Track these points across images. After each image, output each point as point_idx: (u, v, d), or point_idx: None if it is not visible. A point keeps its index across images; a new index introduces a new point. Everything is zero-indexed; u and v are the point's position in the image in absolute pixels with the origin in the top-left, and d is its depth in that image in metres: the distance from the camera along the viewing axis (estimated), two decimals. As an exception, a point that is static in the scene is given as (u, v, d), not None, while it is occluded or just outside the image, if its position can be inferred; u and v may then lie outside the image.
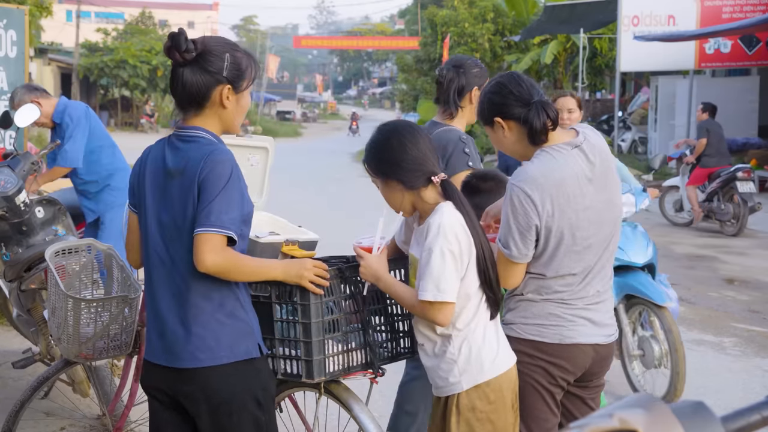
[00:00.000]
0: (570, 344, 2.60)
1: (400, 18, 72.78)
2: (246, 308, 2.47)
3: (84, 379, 4.05)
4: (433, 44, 26.59)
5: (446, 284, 2.39)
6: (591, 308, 2.63)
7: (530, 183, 2.49)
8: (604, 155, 2.61)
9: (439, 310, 2.42)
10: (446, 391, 2.53)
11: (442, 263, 2.39)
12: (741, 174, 10.63)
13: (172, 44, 2.39)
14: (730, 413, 0.93)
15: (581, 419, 0.89)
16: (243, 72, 2.46)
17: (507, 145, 2.67)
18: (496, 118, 2.63)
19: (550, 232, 2.51)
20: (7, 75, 6.38)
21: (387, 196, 2.58)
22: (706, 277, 8.45)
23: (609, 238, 2.63)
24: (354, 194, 15.46)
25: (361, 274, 2.60)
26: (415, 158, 2.51)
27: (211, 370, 2.39)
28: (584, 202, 2.53)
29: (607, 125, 21.57)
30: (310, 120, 52.72)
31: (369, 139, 2.63)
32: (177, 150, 2.43)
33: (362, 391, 2.93)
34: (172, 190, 2.41)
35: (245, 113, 2.57)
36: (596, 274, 2.62)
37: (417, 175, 2.51)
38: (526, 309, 2.63)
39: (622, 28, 16.06)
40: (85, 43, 35.31)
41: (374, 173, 2.58)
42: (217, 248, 2.31)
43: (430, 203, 2.52)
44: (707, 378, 5.25)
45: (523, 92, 2.59)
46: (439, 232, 2.41)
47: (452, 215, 2.45)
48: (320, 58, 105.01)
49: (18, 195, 3.91)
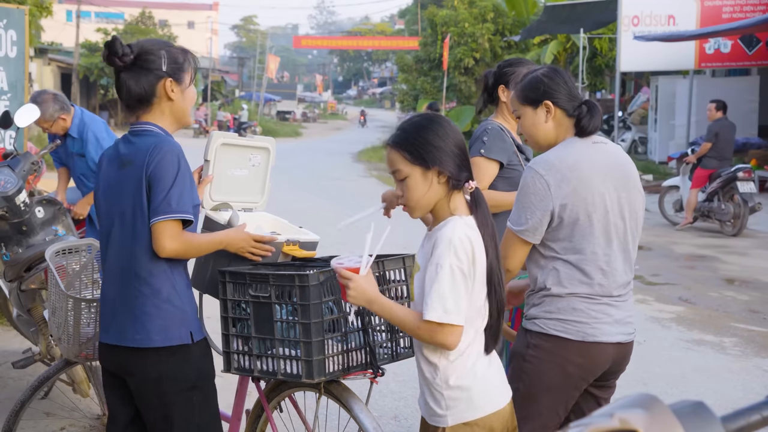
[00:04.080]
0: (592, 342, 2.58)
1: (400, 18, 72.80)
2: (181, 296, 2.58)
3: (84, 379, 4.05)
4: (433, 44, 26.57)
5: (454, 305, 2.14)
6: (614, 304, 2.62)
7: (544, 164, 2.59)
8: (624, 160, 2.69)
9: (450, 333, 2.16)
10: (431, 420, 2.36)
11: (452, 282, 2.14)
12: (742, 174, 10.62)
13: (109, 52, 2.56)
14: (730, 413, 0.93)
15: (581, 419, 0.89)
16: (181, 65, 2.63)
17: (541, 130, 2.71)
18: (546, 101, 2.68)
19: (565, 210, 2.55)
20: (7, 75, 6.37)
21: (411, 188, 2.24)
22: (706, 277, 8.45)
23: (627, 235, 2.64)
24: (354, 194, 15.46)
25: (349, 299, 2.24)
26: (462, 150, 2.26)
27: (144, 351, 2.53)
28: (600, 188, 2.57)
29: (607, 125, 21.56)
30: (310, 120, 52.68)
31: (405, 123, 2.33)
32: (129, 143, 2.61)
33: (362, 391, 2.93)
34: (121, 178, 2.56)
35: (192, 105, 2.71)
36: (617, 270, 2.62)
37: (461, 170, 2.24)
38: (550, 304, 2.62)
39: (622, 28, 16.04)
40: (85, 43, 35.27)
41: (414, 158, 2.22)
42: (175, 234, 2.49)
43: (452, 211, 2.24)
44: (707, 378, 5.25)
45: (573, 87, 2.71)
46: (450, 248, 2.15)
47: (465, 231, 2.19)
48: (320, 58, 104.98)
49: (18, 195, 3.91)
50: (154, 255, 2.50)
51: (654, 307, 7.10)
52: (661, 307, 7.15)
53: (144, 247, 2.51)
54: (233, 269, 2.82)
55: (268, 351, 2.77)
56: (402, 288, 2.94)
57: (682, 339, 6.14)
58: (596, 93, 25.86)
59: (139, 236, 2.51)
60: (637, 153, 20.64)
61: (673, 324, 6.56)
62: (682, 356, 5.72)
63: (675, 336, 6.22)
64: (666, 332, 6.36)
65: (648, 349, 5.79)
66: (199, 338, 2.61)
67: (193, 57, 2.71)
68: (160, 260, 2.52)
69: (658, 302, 7.31)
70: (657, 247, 10.06)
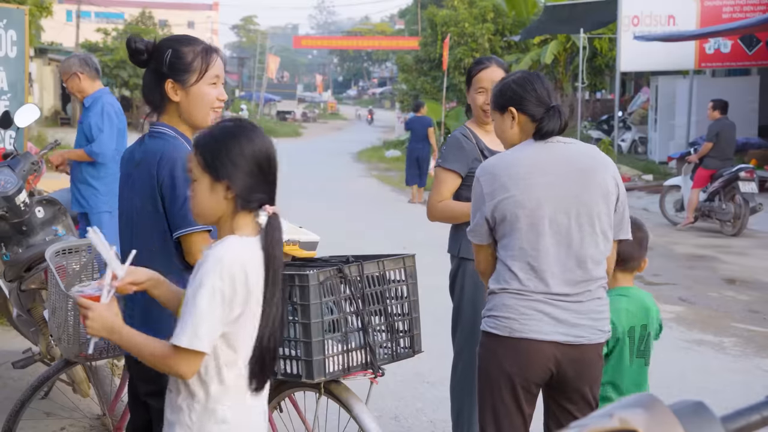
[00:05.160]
0: (521, 338, 2.58)
1: (400, 18, 72.76)
2: None
3: (84, 379, 4.05)
4: (433, 44, 26.56)
5: (207, 331, 1.94)
6: (554, 303, 2.59)
7: (482, 169, 2.73)
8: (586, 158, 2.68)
9: (186, 360, 1.96)
10: None
11: (210, 305, 1.94)
12: (743, 174, 10.59)
13: (129, 51, 2.53)
14: (730, 413, 0.93)
15: (581, 419, 0.89)
16: (188, 65, 2.50)
17: (508, 135, 2.81)
18: (511, 107, 2.75)
19: (496, 210, 2.62)
20: (7, 75, 6.37)
21: (196, 193, 2.08)
22: (706, 277, 8.45)
23: (573, 232, 2.59)
24: (354, 194, 15.47)
25: (89, 330, 2.05)
26: (264, 171, 2.08)
27: None
28: (536, 184, 2.59)
29: (607, 125, 21.57)
30: (310, 120, 52.67)
31: (217, 126, 2.16)
32: (144, 145, 2.57)
33: (362, 391, 2.93)
34: (134, 179, 2.54)
35: (204, 106, 2.54)
36: (554, 266, 2.58)
37: (255, 191, 2.04)
38: (490, 301, 2.69)
39: (622, 28, 16.05)
40: (85, 43, 35.27)
41: (206, 165, 2.05)
42: (207, 242, 2.44)
43: (233, 230, 2.05)
44: (707, 378, 5.25)
45: (543, 94, 2.73)
46: (216, 268, 1.95)
47: (239, 253, 1.98)
48: (320, 58, 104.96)
49: (18, 195, 3.91)
50: (167, 261, 2.45)
51: (654, 307, 7.10)
52: (661, 307, 7.07)
53: (157, 254, 2.46)
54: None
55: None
56: (402, 288, 2.94)
57: (682, 339, 6.14)
58: (596, 93, 25.88)
59: (151, 242, 2.47)
60: (637, 153, 20.64)
61: (673, 324, 6.56)
62: (682, 356, 5.72)
63: (675, 336, 6.22)
64: (666, 332, 6.30)
65: (648, 349, 5.80)
66: None
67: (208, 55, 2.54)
68: (175, 266, 2.46)
69: (658, 302, 7.20)
70: (657, 247, 10.06)
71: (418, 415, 4.52)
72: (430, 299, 3.90)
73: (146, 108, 2.64)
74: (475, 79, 3.48)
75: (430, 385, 4.92)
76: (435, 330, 4.19)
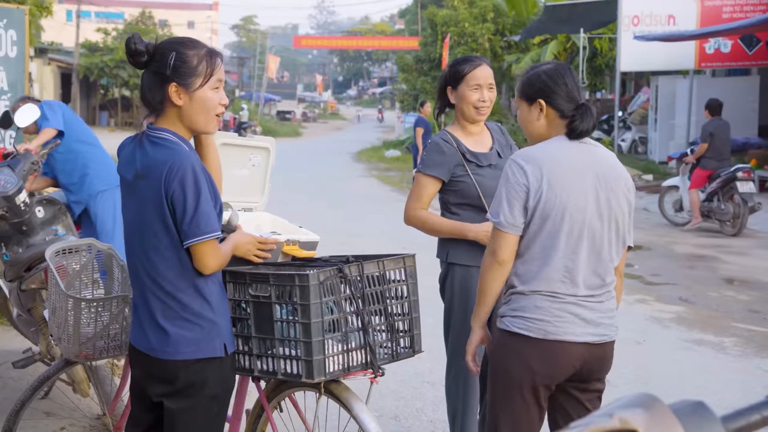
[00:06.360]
0: (554, 341, 2.57)
1: (400, 18, 72.76)
2: (215, 309, 2.53)
3: (84, 379, 4.05)
4: (433, 44, 26.58)
5: None
6: (583, 304, 2.60)
7: (525, 157, 2.61)
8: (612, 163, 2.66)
9: None
10: None
11: None
12: (741, 174, 10.61)
13: (128, 51, 2.48)
14: (730, 413, 0.93)
15: (581, 419, 0.89)
16: (193, 69, 2.46)
17: (534, 127, 2.73)
18: (540, 99, 2.68)
19: (539, 204, 2.55)
20: (7, 75, 6.38)
21: None
22: (706, 277, 8.45)
23: (604, 237, 2.61)
24: (354, 194, 15.47)
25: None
26: None
27: (174, 363, 2.50)
28: (577, 186, 2.56)
29: (607, 125, 21.56)
30: (310, 120, 52.68)
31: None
32: (145, 152, 2.50)
33: (362, 391, 2.93)
34: (139, 191, 2.49)
35: (210, 111, 2.51)
36: (585, 270, 2.59)
37: None
38: (516, 301, 2.63)
39: (622, 28, 16.05)
40: (85, 43, 35.26)
41: None
42: (216, 251, 2.48)
43: None
44: (707, 378, 5.25)
45: (573, 89, 2.68)
46: None
47: None
48: (320, 58, 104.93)
49: (18, 195, 3.91)
50: (179, 271, 2.46)
51: (654, 307, 7.10)
52: (661, 307, 7.15)
53: (169, 265, 2.46)
54: (233, 269, 2.82)
55: (269, 351, 2.77)
56: (402, 288, 2.94)
57: (682, 339, 6.14)
58: (596, 93, 25.86)
59: (162, 252, 2.46)
60: (637, 153, 20.63)
61: (673, 324, 6.56)
62: (682, 356, 5.72)
63: (675, 336, 6.22)
64: (666, 332, 6.36)
65: (648, 349, 5.80)
66: (232, 350, 2.59)
67: (213, 59, 2.50)
68: (188, 275, 2.47)
69: (658, 302, 7.31)
70: (657, 247, 10.06)
71: (418, 415, 4.52)
72: (430, 299, 3.89)
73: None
74: (469, 76, 3.40)
75: (430, 385, 4.92)
76: (435, 330, 4.18)
